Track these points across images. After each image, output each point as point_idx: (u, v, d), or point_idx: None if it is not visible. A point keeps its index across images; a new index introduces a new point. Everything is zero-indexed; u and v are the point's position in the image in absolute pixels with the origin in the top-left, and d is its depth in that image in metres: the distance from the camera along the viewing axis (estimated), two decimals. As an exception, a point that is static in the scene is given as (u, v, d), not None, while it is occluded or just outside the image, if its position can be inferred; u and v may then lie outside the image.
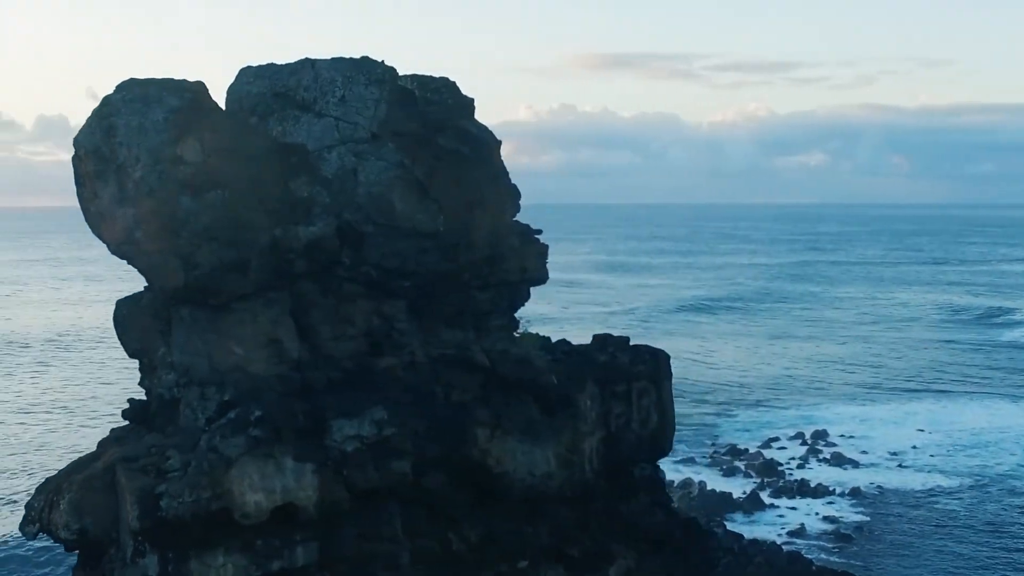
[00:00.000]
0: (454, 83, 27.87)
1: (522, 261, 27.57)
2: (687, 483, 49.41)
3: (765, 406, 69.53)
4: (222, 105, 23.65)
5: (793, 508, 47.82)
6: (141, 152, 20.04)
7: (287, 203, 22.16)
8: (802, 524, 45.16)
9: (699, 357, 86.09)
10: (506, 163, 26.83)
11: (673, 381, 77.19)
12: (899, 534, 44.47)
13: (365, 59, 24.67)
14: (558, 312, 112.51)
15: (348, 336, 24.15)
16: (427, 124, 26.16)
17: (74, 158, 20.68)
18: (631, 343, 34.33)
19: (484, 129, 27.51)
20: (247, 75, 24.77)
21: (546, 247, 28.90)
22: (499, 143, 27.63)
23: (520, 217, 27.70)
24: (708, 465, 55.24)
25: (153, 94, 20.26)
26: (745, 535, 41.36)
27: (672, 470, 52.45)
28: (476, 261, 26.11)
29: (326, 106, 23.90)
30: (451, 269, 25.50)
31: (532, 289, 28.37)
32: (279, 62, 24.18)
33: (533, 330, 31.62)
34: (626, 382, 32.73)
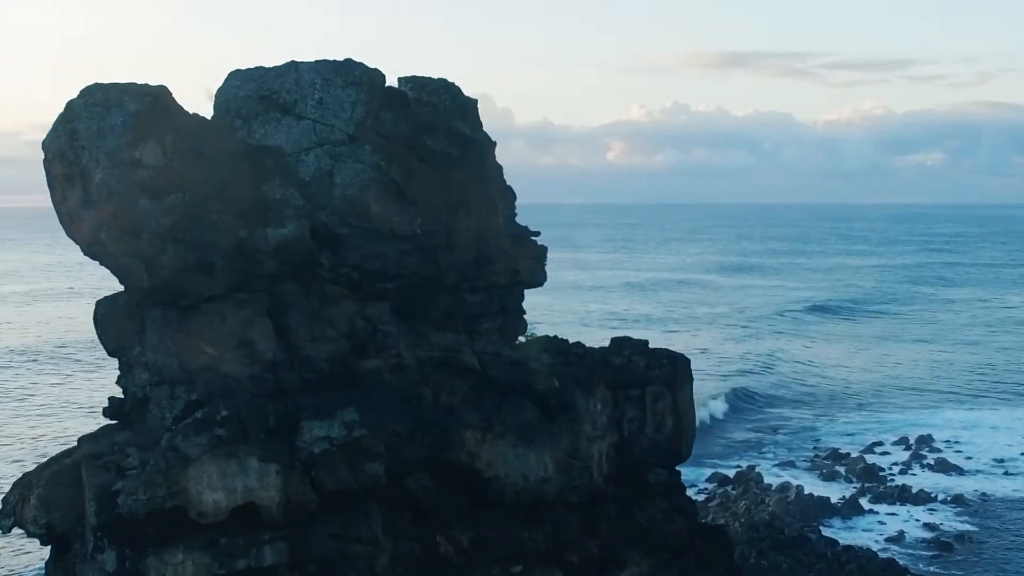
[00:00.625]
0: (455, 85, 27.90)
1: (513, 264, 27.39)
2: (784, 487, 48.33)
3: (870, 410, 68.21)
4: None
5: (893, 514, 46.82)
6: (100, 155, 20.50)
7: (257, 205, 22.54)
8: (901, 531, 44.12)
9: (806, 359, 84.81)
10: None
11: (779, 382, 76.10)
12: (1002, 545, 42.94)
13: (348, 61, 24.78)
14: (663, 312, 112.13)
15: (328, 338, 24.34)
16: (418, 126, 26.35)
17: (44, 161, 21.32)
18: (650, 346, 34.06)
19: (479, 131, 27.55)
20: (236, 78, 25.19)
21: (543, 249, 28.76)
22: (493, 144, 27.56)
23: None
24: (808, 469, 54.33)
25: (114, 98, 20.69)
26: (841, 541, 40.25)
27: (771, 473, 51.78)
28: (461, 263, 26.07)
29: (305, 108, 24.13)
30: (434, 271, 25.55)
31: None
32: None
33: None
34: (640, 386, 32.46)
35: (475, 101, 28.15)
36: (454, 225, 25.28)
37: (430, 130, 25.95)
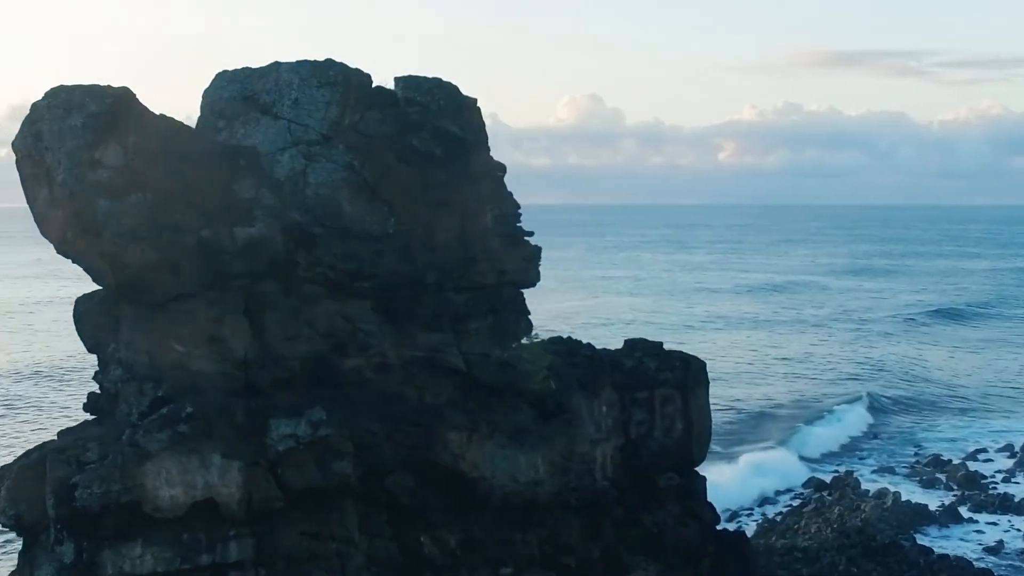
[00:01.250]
0: (451, 84, 27.84)
1: (500, 264, 27.28)
2: (881, 493, 46.58)
3: (974, 415, 65.70)
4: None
5: (993, 524, 44.70)
6: (62, 156, 20.96)
7: (226, 205, 22.88)
8: (1000, 540, 42.09)
9: (913, 363, 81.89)
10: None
11: (882, 387, 74.27)
12: (1110, 559, 40.01)
13: (328, 61, 24.90)
14: (770, 314, 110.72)
15: (303, 337, 24.47)
16: (405, 125, 26.45)
17: (16, 161, 22.00)
18: (664, 348, 33.67)
19: (472, 130, 27.53)
20: (222, 79, 25.59)
21: (536, 250, 28.43)
22: (485, 144, 27.53)
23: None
24: (907, 475, 52.42)
25: (75, 100, 21.13)
26: (936, 550, 38.83)
27: (868, 480, 50.21)
28: (443, 263, 26.06)
29: (281, 109, 24.28)
30: (412, 271, 25.69)
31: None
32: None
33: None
34: (648, 389, 32.13)
35: (473, 100, 28.16)
36: (434, 225, 25.31)
37: (416, 129, 26.00)
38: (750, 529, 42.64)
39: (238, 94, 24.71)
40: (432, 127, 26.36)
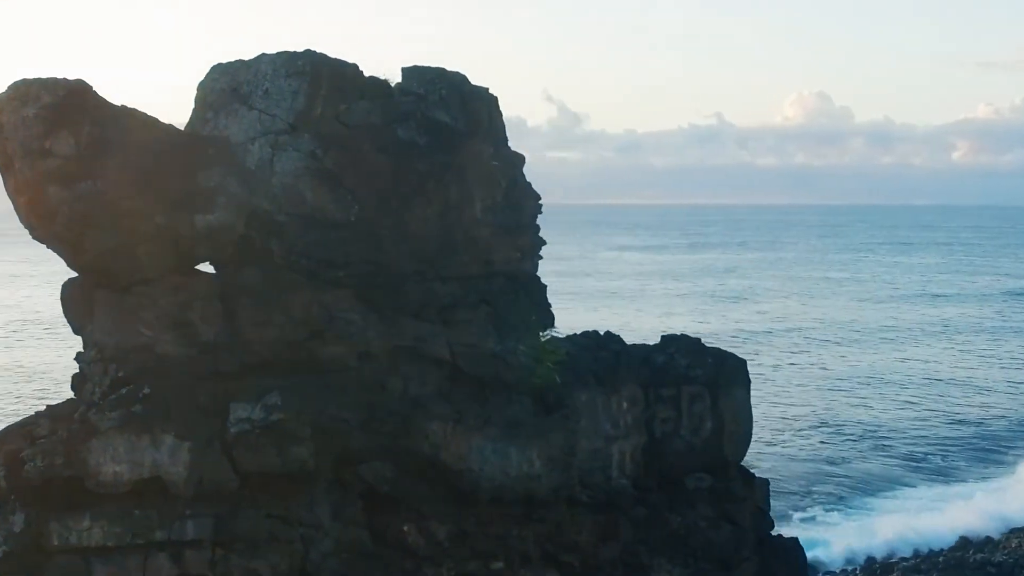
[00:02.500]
0: (457, 75, 27.66)
1: (486, 254, 27.14)
2: None
3: None
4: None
5: None
6: (17, 146, 22.13)
7: (187, 193, 23.63)
8: None
9: None
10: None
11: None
12: None
13: (306, 52, 25.36)
14: (999, 321, 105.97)
15: (274, 323, 24.78)
16: (394, 115, 26.63)
17: (-13, 153, 23.30)
18: (702, 344, 32.67)
19: (469, 120, 27.34)
20: (215, 72, 26.14)
21: (532, 241, 28.18)
22: (484, 134, 27.22)
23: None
24: None
25: (32, 92, 22.07)
26: None
27: None
28: (419, 252, 26.17)
29: (255, 99, 24.78)
30: (384, 260, 25.91)
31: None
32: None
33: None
34: (675, 385, 31.29)
35: (482, 90, 28.15)
36: (406, 214, 25.45)
37: (404, 119, 26.25)
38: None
39: (227, 86, 25.34)
40: (422, 116, 26.50)
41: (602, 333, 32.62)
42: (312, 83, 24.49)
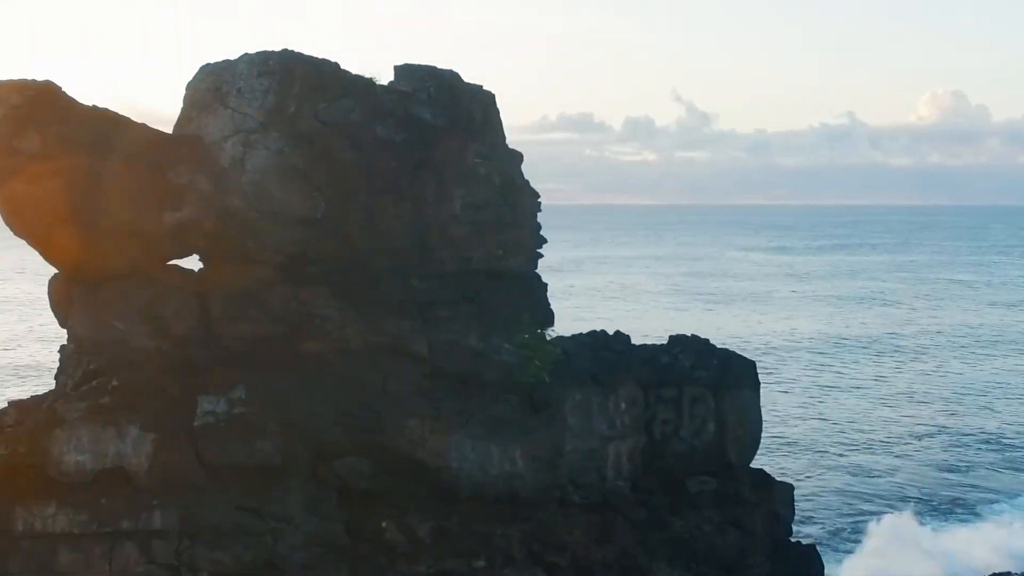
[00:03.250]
0: (448, 72, 27.86)
1: (463, 252, 27.01)
2: None
3: None
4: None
5: None
6: (-13, 146, 23.22)
7: (156, 191, 24.19)
8: None
9: None
10: None
11: None
12: None
13: (282, 52, 25.52)
14: None
15: (248, 318, 25.00)
16: (374, 113, 26.86)
17: (-32, 152, 24.23)
18: (710, 345, 32.10)
19: (454, 118, 27.37)
20: (202, 72, 26.64)
21: (532, 241, 27.96)
22: (468, 131, 27.11)
23: None
24: None
25: (3, 94, 23.13)
26: None
27: None
28: (391, 249, 26.26)
29: (231, 98, 25.24)
30: (356, 256, 26.07)
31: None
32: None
33: None
34: (676, 386, 30.84)
35: (475, 88, 28.28)
36: (376, 211, 25.68)
37: (384, 116, 26.51)
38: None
39: (211, 86, 25.90)
40: (404, 114, 26.74)
41: (611, 332, 32.30)
42: (283, 82, 24.82)
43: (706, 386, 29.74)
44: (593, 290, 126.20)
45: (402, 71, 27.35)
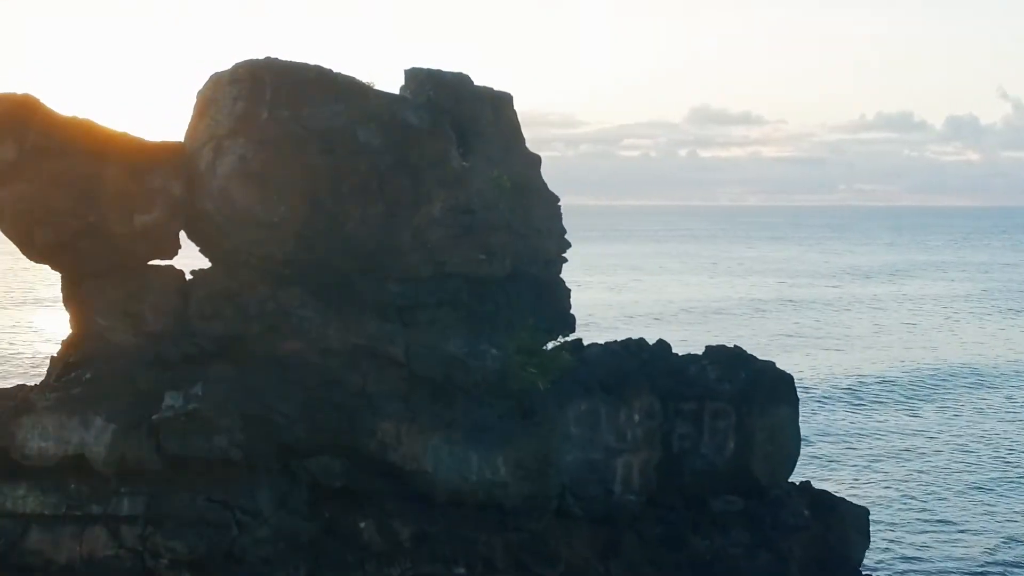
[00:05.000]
0: (458, 76, 28.44)
1: (437, 256, 27.00)
2: None
3: None
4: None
5: None
6: (-29, 154, 25.53)
7: (129, 195, 25.78)
8: None
9: None
10: None
11: None
12: None
13: (253, 60, 26.34)
14: None
15: (224, 317, 26.26)
16: (359, 117, 27.40)
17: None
18: (746, 356, 30.43)
19: (432, 120, 27.27)
20: (209, 81, 28.48)
21: (494, 245, 27.42)
22: (442, 135, 27.25)
23: None
24: None
25: (-14, 105, 25.59)
26: None
27: None
28: (359, 253, 26.57)
29: (211, 105, 26.82)
30: (320, 259, 26.55)
31: None
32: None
33: None
34: (697, 400, 29.56)
35: (484, 91, 28.50)
36: (342, 214, 26.22)
37: (368, 121, 27.05)
38: None
39: (208, 93, 27.57)
40: (390, 118, 27.23)
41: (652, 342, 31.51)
42: (253, 89, 25.95)
43: (728, 400, 28.48)
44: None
45: (409, 75, 27.96)
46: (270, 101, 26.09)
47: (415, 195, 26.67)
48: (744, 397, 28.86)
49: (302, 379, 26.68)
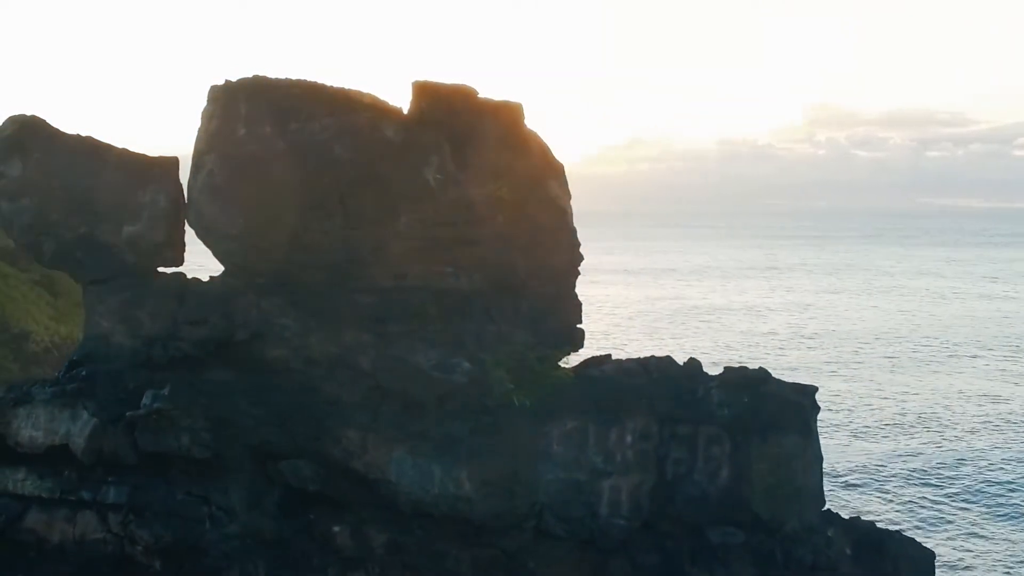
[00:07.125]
0: (463, 87, 28.63)
1: (399, 268, 26.91)
2: None
3: None
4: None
5: None
6: (-17, 170, 28.59)
7: (120, 208, 27.98)
8: None
9: None
10: None
11: None
12: None
13: (252, 78, 28.07)
14: None
15: (209, 323, 27.90)
16: (341, 132, 28.00)
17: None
18: (753, 380, 28.17)
19: (411, 134, 27.47)
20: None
21: (475, 258, 26.85)
22: (417, 149, 27.25)
23: None
24: None
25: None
26: None
27: None
28: (322, 264, 27.00)
29: (200, 122, 28.51)
30: (283, 269, 27.18)
31: None
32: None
33: None
34: (692, 423, 27.86)
35: (487, 103, 28.62)
36: (302, 227, 27.02)
37: (346, 135, 27.78)
38: None
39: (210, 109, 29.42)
40: (369, 131, 27.89)
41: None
42: (225, 107, 27.56)
43: (723, 427, 27.12)
44: None
45: (414, 87, 28.58)
46: (246, 118, 27.44)
47: (379, 209, 27.20)
48: (743, 424, 27.21)
49: (281, 385, 27.87)
